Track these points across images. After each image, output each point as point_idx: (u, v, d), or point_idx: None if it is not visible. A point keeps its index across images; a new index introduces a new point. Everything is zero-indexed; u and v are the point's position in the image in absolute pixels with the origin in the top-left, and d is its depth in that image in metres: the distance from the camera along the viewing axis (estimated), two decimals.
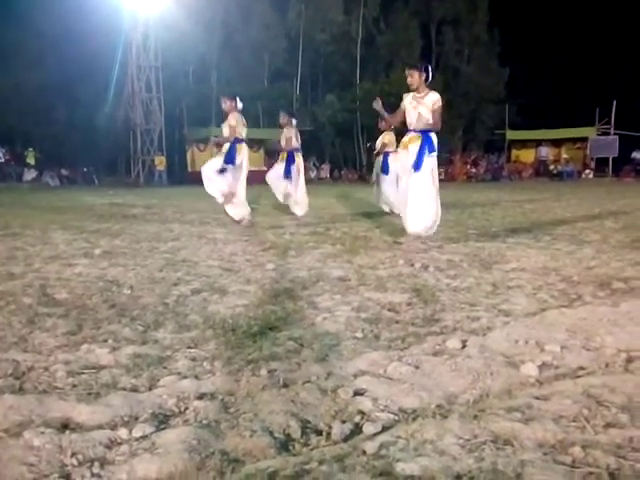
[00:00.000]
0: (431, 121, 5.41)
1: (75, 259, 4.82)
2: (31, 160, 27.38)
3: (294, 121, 8.83)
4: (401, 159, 5.63)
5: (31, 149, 27.58)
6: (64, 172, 28.93)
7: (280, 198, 9.08)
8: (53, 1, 24.34)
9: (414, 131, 5.49)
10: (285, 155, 8.74)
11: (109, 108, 27.12)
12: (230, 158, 7.30)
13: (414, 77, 5.40)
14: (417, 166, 5.33)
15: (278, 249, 5.39)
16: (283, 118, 8.83)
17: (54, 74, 26.65)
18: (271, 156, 33.67)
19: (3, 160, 26.29)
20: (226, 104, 7.49)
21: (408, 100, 5.54)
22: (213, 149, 25.69)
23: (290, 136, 8.66)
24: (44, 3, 24.79)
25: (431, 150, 5.39)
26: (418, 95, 5.46)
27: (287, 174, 8.68)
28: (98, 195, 16.71)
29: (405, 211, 5.49)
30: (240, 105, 7.51)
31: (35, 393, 1.94)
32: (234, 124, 7.31)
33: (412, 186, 5.35)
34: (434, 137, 5.46)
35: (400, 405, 1.82)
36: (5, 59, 25.35)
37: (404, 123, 7.92)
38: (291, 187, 8.70)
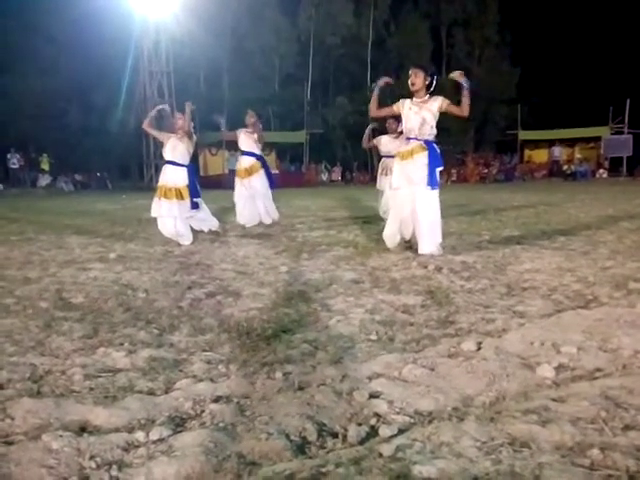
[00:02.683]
0: (434, 130, 5.06)
1: (90, 263, 4.87)
2: (45, 166, 27.67)
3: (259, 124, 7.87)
4: (405, 170, 5.09)
5: (45, 155, 27.85)
6: (78, 177, 29.24)
7: (250, 220, 7.77)
8: (66, 8, 24.61)
9: (416, 139, 5.05)
10: (260, 164, 7.80)
11: (121, 113, 27.29)
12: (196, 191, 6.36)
13: (418, 77, 4.95)
14: (433, 182, 4.97)
15: (291, 252, 5.39)
16: (252, 117, 7.76)
17: (67, 80, 26.94)
18: (282, 159, 33.87)
19: (17, 166, 26.57)
20: (182, 120, 6.24)
21: (407, 105, 5.07)
22: (225, 154, 25.89)
23: (261, 135, 7.78)
24: (57, 10, 25.08)
25: (439, 164, 5.06)
26: (419, 100, 5.03)
27: (273, 184, 7.93)
28: (111, 200, 16.83)
29: (417, 231, 5.08)
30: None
31: (53, 396, 1.96)
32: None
33: (423, 204, 4.98)
34: (437, 148, 5.10)
35: (416, 407, 1.82)
36: (19, 66, 25.66)
37: (383, 122, 7.36)
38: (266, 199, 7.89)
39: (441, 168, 5.14)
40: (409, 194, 5.08)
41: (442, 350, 2.38)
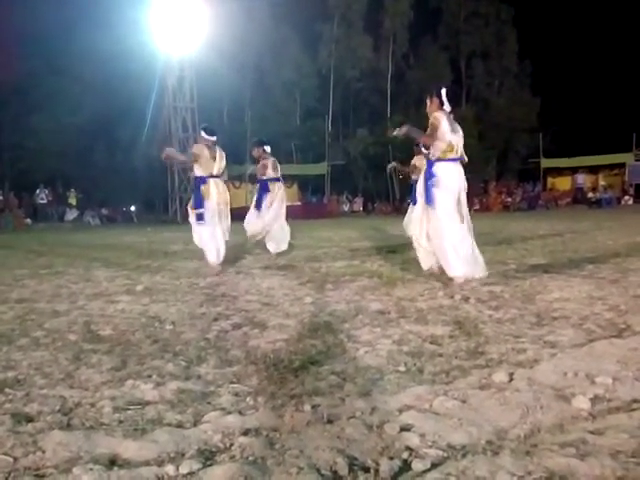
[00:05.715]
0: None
1: (118, 296, 4.92)
2: (73, 201, 28.36)
3: (268, 148, 8.28)
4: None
5: (73, 190, 28.60)
6: (104, 211, 29.84)
7: (255, 236, 8.20)
8: (92, 48, 25.44)
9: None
10: (258, 186, 8.33)
11: (146, 149, 27.89)
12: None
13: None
14: (429, 199, 5.01)
15: (315, 282, 5.39)
16: (256, 151, 8.30)
17: (93, 118, 27.72)
18: (304, 190, 34.12)
19: (46, 201, 27.25)
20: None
21: (446, 121, 5.04)
22: (248, 186, 26.18)
23: (265, 164, 8.17)
24: (83, 51, 25.94)
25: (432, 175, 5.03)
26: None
27: (259, 205, 8.12)
28: (137, 233, 17.07)
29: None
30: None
31: (83, 429, 1.96)
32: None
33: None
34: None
35: (449, 441, 1.77)
36: (47, 105, 26.49)
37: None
38: (267, 219, 8.06)
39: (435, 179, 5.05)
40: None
41: (473, 381, 2.33)
